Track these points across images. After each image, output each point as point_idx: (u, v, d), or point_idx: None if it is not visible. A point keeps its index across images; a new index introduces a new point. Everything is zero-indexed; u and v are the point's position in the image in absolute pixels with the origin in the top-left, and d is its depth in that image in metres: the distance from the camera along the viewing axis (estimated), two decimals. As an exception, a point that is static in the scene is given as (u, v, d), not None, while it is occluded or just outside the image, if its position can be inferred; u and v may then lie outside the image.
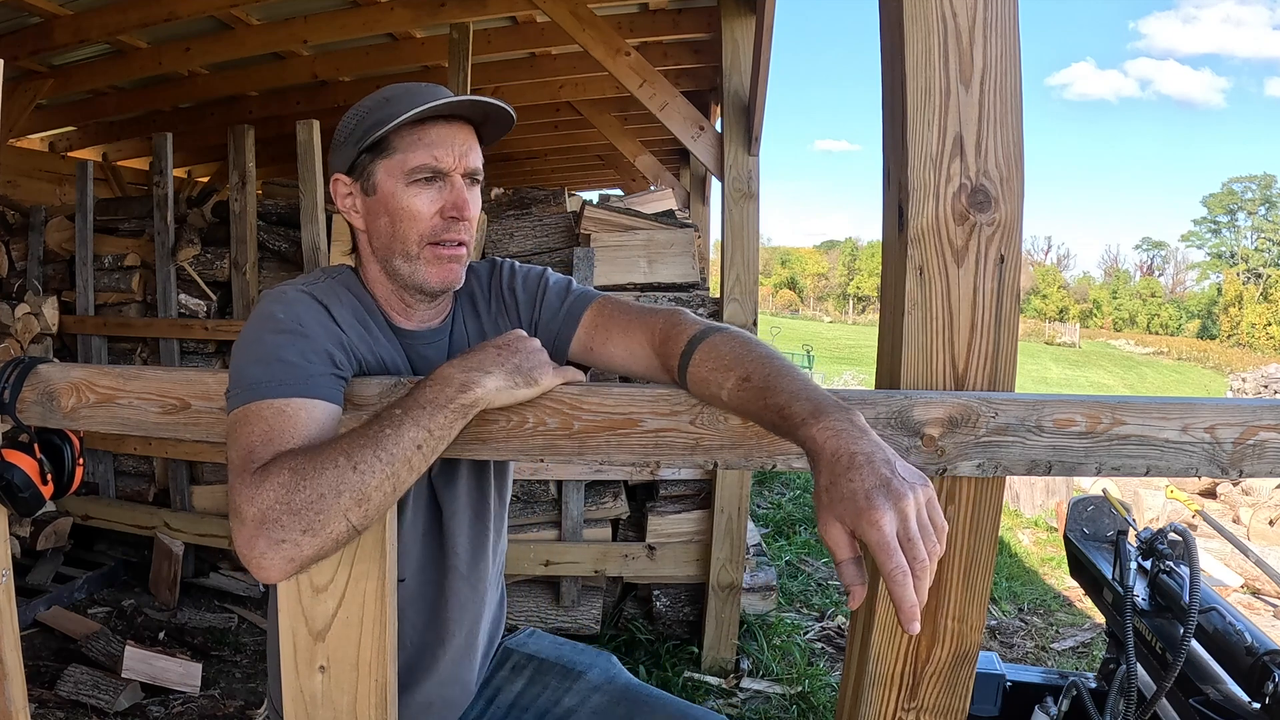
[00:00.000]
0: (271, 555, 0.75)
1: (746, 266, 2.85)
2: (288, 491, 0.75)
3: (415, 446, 0.79)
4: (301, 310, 0.91)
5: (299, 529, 0.74)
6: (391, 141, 0.96)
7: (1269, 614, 3.43)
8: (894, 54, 0.91)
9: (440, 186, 0.96)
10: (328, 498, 0.75)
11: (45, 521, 3.32)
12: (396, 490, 0.79)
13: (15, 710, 1.13)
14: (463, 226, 0.97)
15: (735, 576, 2.92)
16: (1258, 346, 35.42)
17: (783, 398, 0.77)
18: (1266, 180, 44.94)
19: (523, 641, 1.26)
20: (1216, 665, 1.24)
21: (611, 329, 1.02)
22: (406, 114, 0.92)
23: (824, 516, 0.66)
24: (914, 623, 0.62)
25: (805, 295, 55.44)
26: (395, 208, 0.96)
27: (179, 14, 3.11)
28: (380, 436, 0.78)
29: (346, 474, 0.76)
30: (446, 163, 0.95)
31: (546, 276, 1.10)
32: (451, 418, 0.81)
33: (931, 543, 0.64)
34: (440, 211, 0.96)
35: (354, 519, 0.77)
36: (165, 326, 3.34)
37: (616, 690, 1.16)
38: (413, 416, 0.80)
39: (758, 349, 0.86)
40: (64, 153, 5.13)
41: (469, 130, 0.99)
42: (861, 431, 0.70)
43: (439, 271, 0.98)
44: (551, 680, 1.18)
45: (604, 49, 2.93)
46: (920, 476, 0.67)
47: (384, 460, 0.77)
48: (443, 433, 0.81)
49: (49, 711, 2.42)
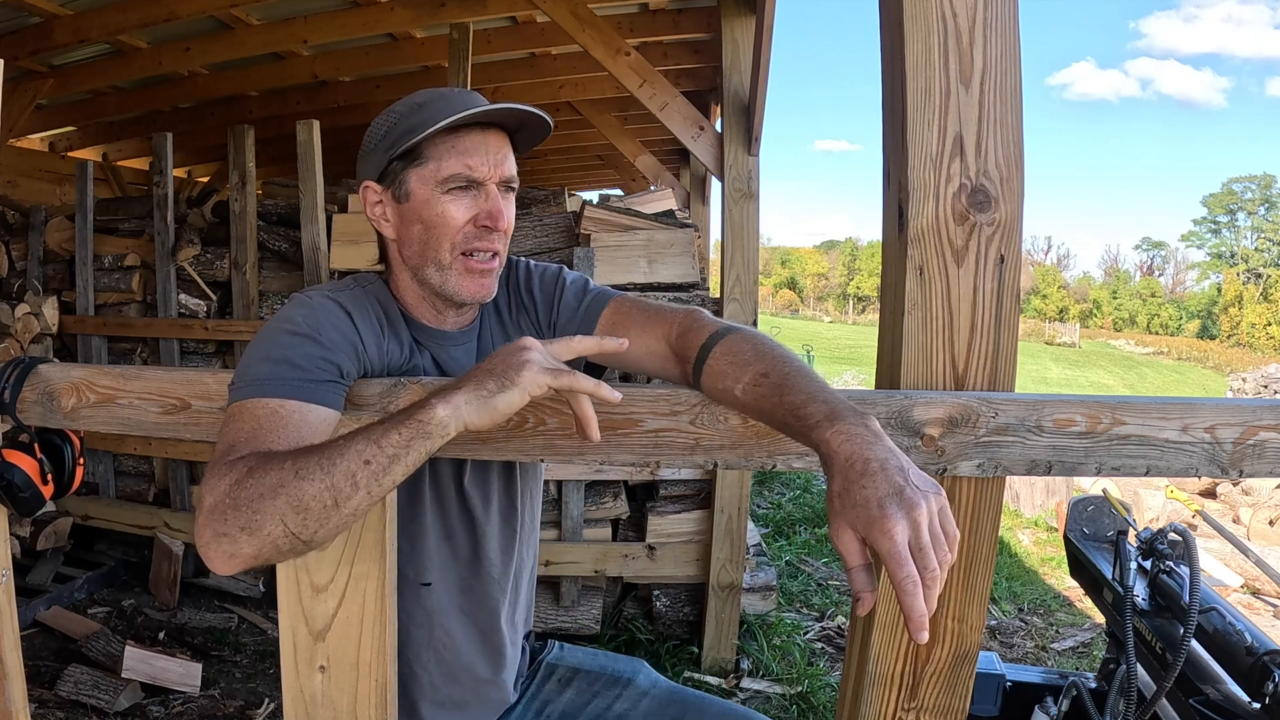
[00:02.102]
0: (214, 547, 0.74)
1: (746, 266, 2.86)
2: (237, 486, 0.74)
3: (362, 461, 0.74)
4: (323, 317, 0.91)
5: (238, 525, 0.73)
6: (424, 149, 0.94)
7: (1269, 614, 3.44)
8: (894, 54, 0.91)
9: (475, 195, 0.95)
10: (265, 498, 0.73)
11: (45, 521, 3.32)
12: (339, 504, 0.73)
13: (15, 710, 1.13)
14: (497, 236, 0.97)
15: (735, 576, 2.92)
16: (1258, 346, 35.41)
17: (799, 397, 0.77)
18: (1266, 180, 44.93)
19: (560, 656, 1.27)
20: (1216, 665, 1.24)
21: (629, 325, 1.02)
22: (442, 122, 0.91)
23: (836, 522, 0.66)
24: (923, 632, 0.62)
25: (805, 295, 55.44)
26: (429, 216, 0.95)
27: (179, 14, 3.11)
28: (330, 447, 0.75)
29: (288, 478, 0.73)
30: (482, 171, 0.94)
31: (563, 276, 1.10)
32: (406, 435, 0.75)
33: (943, 552, 0.64)
34: (474, 220, 0.95)
35: (291, 525, 0.73)
36: (165, 326, 3.34)
37: (663, 693, 1.19)
38: (367, 431, 0.76)
39: (777, 349, 0.87)
40: (64, 153, 5.13)
41: (503, 138, 0.98)
42: (876, 437, 0.70)
43: (470, 284, 0.97)
44: (600, 688, 1.20)
45: (604, 49, 2.93)
46: (933, 485, 0.66)
47: (325, 469, 0.73)
48: (395, 450, 0.75)
49: (49, 711, 2.42)
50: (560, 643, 1.30)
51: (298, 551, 0.76)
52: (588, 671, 1.23)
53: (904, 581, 0.61)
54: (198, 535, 0.75)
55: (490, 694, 1.13)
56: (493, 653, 1.11)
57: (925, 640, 0.62)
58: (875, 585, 0.65)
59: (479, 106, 0.93)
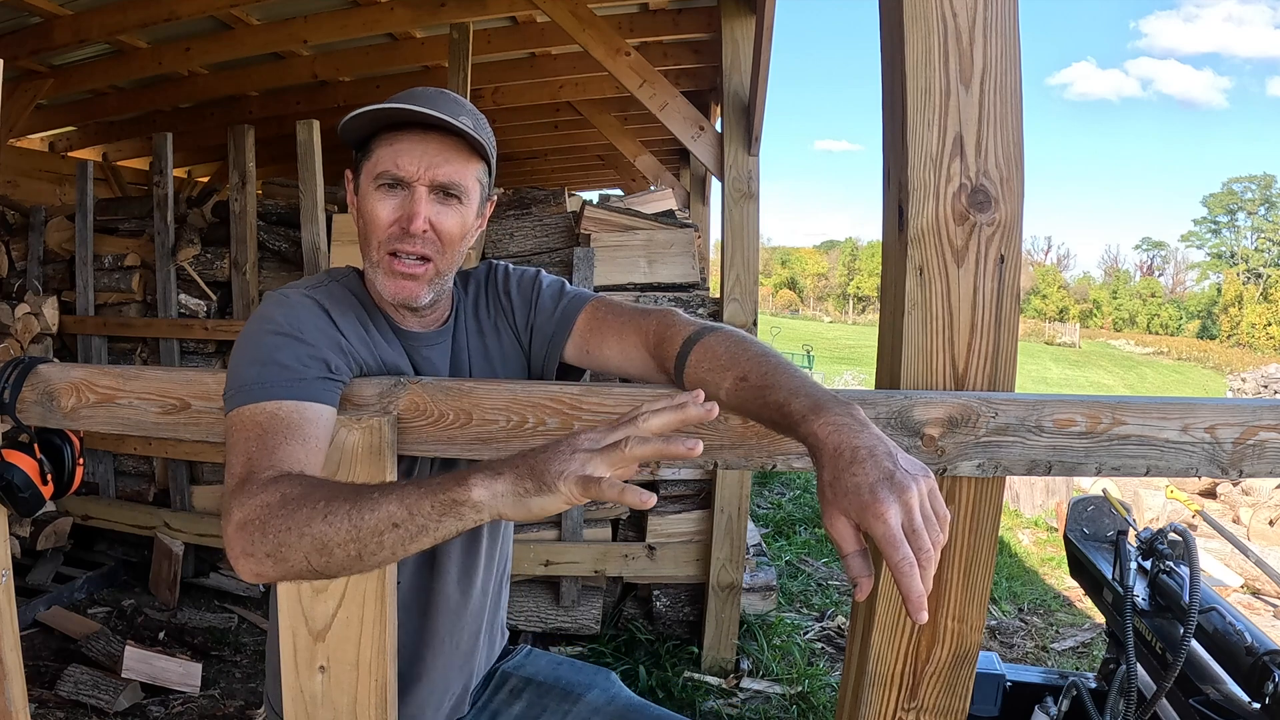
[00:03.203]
0: (242, 562, 0.76)
1: (746, 266, 2.85)
2: (269, 514, 0.75)
3: (391, 524, 0.73)
4: (301, 314, 0.91)
5: (264, 551, 0.75)
6: (372, 144, 0.96)
7: (1269, 614, 3.43)
8: (894, 54, 0.91)
9: (402, 195, 0.94)
10: (292, 534, 0.74)
11: (45, 521, 3.32)
12: (362, 557, 0.74)
13: (15, 710, 1.13)
14: (420, 241, 0.94)
15: (735, 576, 2.92)
16: (1258, 346, 35.42)
17: (781, 394, 0.77)
18: (1266, 180, 44.94)
19: (519, 664, 1.24)
20: (1216, 665, 1.24)
21: (606, 331, 1.01)
22: (365, 109, 0.92)
23: (829, 511, 0.66)
24: (922, 612, 0.62)
25: (805, 295, 55.44)
26: (364, 210, 0.96)
27: (179, 14, 3.11)
28: (363, 500, 0.74)
29: (316, 520, 0.74)
30: (409, 171, 0.93)
31: (540, 279, 1.09)
32: (440, 509, 0.72)
33: (935, 533, 0.64)
34: (398, 221, 0.95)
35: (315, 564, 0.74)
36: (165, 326, 3.34)
37: (617, 711, 1.15)
38: (401, 494, 0.74)
39: (753, 347, 0.86)
40: (64, 153, 5.13)
41: (453, 143, 0.95)
42: (862, 425, 0.70)
43: (391, 284, 0.96)
44: (550, 703, 1.17)
45: (604, 49, 2.93)
46: (922, 467, 0.67)
47: (353, 522, 0.73)
48: (425, 521, 0.73)
49: (49, 711, 2.42)
50: (529, 648, 1.28)
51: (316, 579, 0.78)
52: (540, 683, 1.20)
53: (900, 563, 0.62)
54: (228, 544, 0.77)
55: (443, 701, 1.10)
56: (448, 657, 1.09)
57: (925, 620, 0.62)
58: (871, 570, 0.66)
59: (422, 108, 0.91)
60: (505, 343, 1.08)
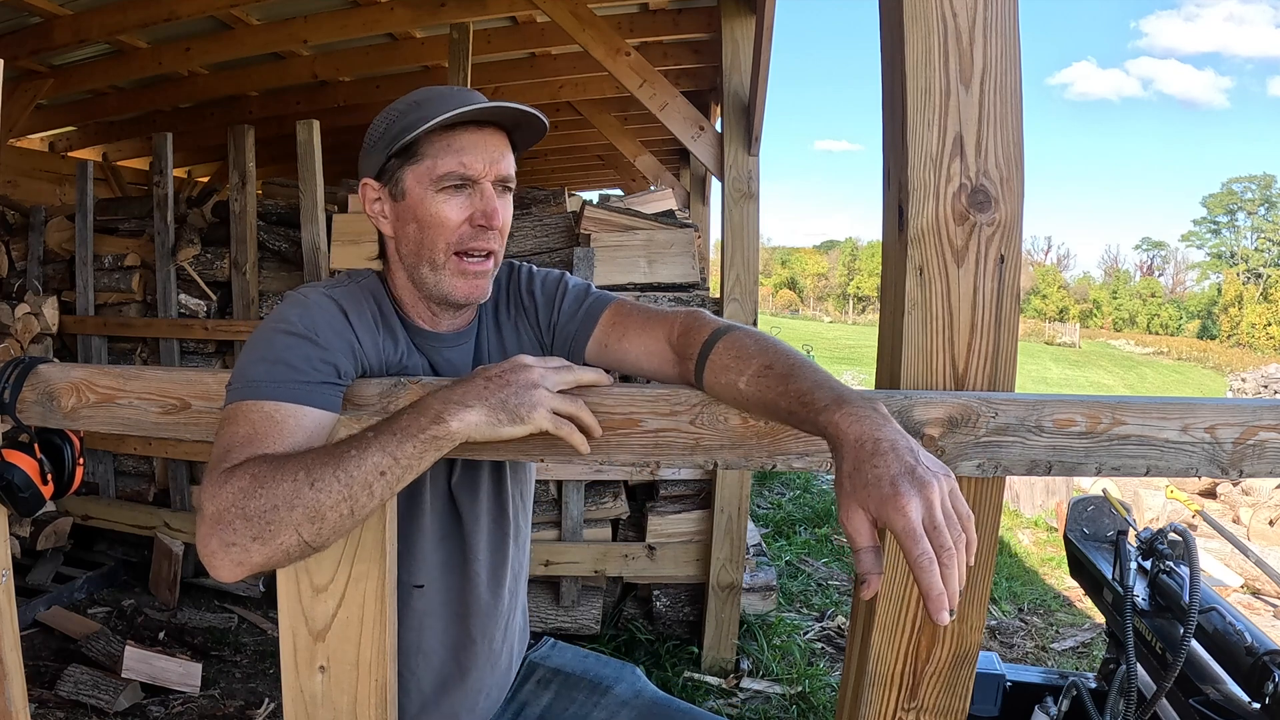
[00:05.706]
0: (221, 556, 0.75)
1: (746, 266, 2.86)
2: (244, 496, 0.74)
3: (378, 473, 0.77)
4: (319, 316, 0.90)
5: (249, 535, 0.74)
6: (421, 147, 0.94)
7: (1269, 614, 3.43)
8: (894, 54, 0.91)
9: (470, 194, 0.95)
10: (280, 509, 0.74)
11: (45, 521, 3.32)
12: (355, 513, 0.77)
13: (15, 710, 1.13)
14: (492, 235, 0.96)
15: (735, 576, 2.92)
16: (1258, 346, 35.41)
17: (805, 384, 0.78)
18: (1266, 180, 44.92)
19: (546, 655, 1.25)
20: (1216, 665, 1.24)
21: (629, 327, 1.02)
22: (435, 119, 0.91)
23: (846, 502, 0.65)
24: (943, 612, 0.60)
25: (805, 295, 55.43)
26: (423, 215, 0.95)
27: (179, 14, 3.11)
28: (344, 457, 0.76)
29: (303, 489, 0.74)
30: (476, 169, 0.94)
31: (566, 280, 1.10)
32: (421, 448, 0.78)
33: (957, 531, 0.63)
34: (470, 219, 0.95)
35: (306, 535, 0.75)
36: (165, 326, 3.34)
37: (644, 704, 1.16)
38: (380, 442, 0.77)
39: (780, 344, 0.87)
40: (64, 153, 5.13)
41: (501, 137, 0.97)
42: (884, 419, 0.70)
43: (464, 284, 0.97)
44: (579, 695, 1.18)
45: (604, 49, 2.93)
46: (943, 467, 0.66)
47: (342, 481, 0.75)
48: (410, 462, 0.78)
49: (49, 711, 2.42)
50: (553, 640, 1.29)
51: (305, 556, 0.78)
52: (568, 675, 1.20)
53: (920, 558, 0.60)
54: (201, 544, 0.76)
55: (479, 702, 1.11)
56: (484, 659, 1.09)
57: (947, 622, 0.60)
58: (882, 568, 0.65)
59: (476, 104, 0.93)
60: (525, 343, 1.09)
